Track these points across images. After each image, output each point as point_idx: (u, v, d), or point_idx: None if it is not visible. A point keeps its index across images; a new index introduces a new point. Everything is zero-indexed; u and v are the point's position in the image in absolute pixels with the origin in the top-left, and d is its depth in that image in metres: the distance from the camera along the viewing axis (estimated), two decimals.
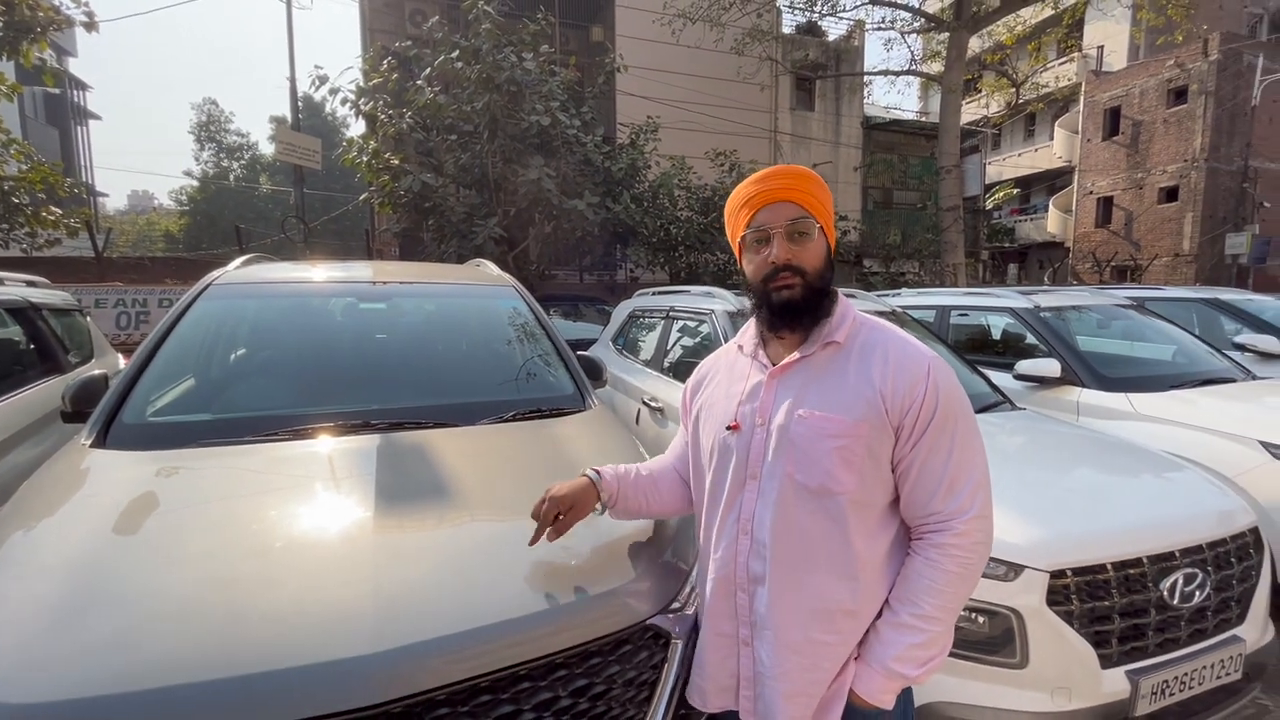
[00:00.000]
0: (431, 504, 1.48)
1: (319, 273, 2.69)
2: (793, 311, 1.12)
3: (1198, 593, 1.88)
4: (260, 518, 1.39)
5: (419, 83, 8.42)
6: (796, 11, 14.94)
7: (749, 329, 1.26)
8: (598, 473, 1.33)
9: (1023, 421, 2.82)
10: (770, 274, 1.13)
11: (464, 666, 1.06)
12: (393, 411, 1.99)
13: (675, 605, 1.33)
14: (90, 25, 8.42)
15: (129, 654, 1.00)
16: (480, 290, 2.85)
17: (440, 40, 8.77)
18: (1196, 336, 4.33)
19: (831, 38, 17.85)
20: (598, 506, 1.33)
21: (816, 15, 14.80)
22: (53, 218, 9.53)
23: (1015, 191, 25.02)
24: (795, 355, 1.14)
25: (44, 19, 7.97)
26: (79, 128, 24.33)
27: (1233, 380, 3.76)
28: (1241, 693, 1.99)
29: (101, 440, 1.77)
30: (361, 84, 8.86)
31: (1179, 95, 18.68)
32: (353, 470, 1.60)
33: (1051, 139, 23.69)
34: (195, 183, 31.06)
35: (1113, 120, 20.51)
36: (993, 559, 1.77)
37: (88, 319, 4.27)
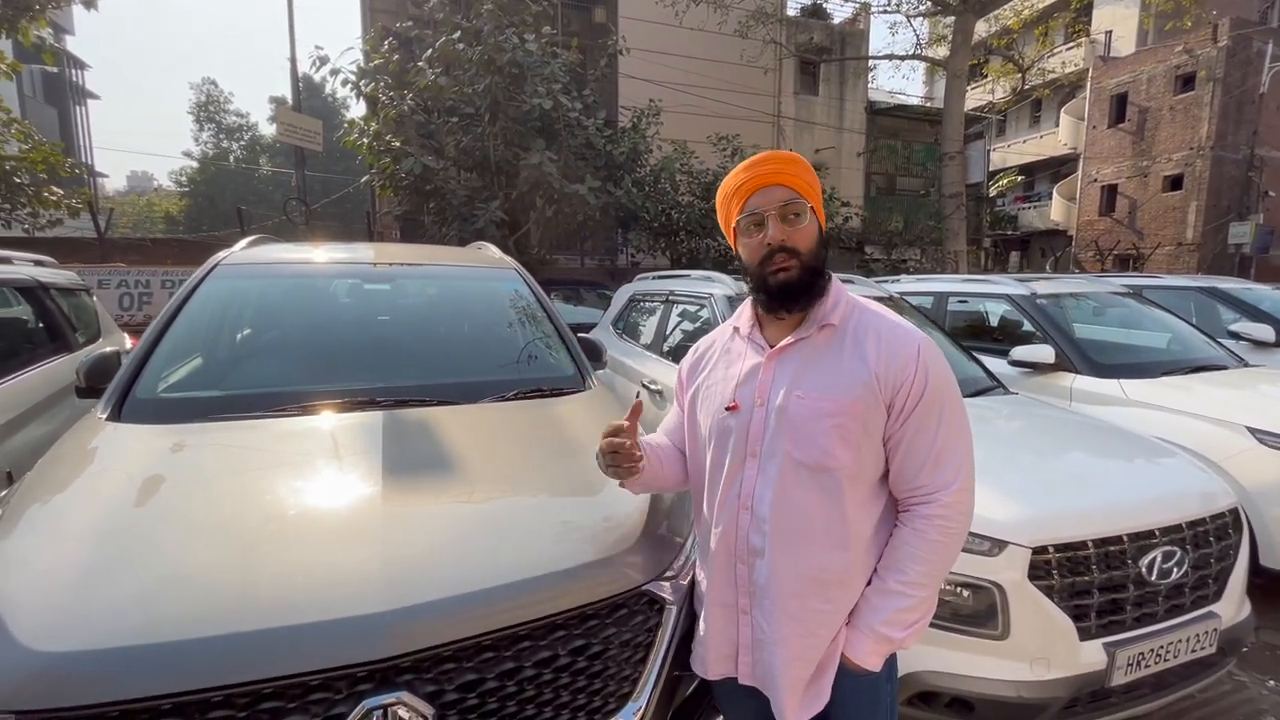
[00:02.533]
0: (436, 476, 1.54)
1: (324, 254, 2.74)
2: (791, 293, 1.17)
3: (1175, 570, 1.95)
4: (272, 487, 1.45)
5: (420, 64, 8.38)
6: None
7: (744, 311, 1.31)
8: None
9: (1013, 406, 2.88)
10: (766, 256, 1.17)
11: (467, 626, 1.13)
12: (398, 389, 2.04)
13: (669, 574, 1.40)
14: (89, 2, 8.38)
15: (152, 609, 1.06)
16: (483, 272, 2.89)
17: (442, 21, 8.71)
18: (1191, 325, 4.38)
19: (836, 21, 17.67)
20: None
21: None
22: (54, 198, 9.53)
23: (1019, 179, 24.91)
24: (792, 338, 1.19)
25: None
26: (78, 107, 24.16)
27: (1225, 367, 3.81)
28: (1216, 666, 2.07)
29: (117, 414, 1.83)
30: (362, 65, 8.81)
31: (1187, 82, 18.51)
32: (360, 444, 1.66)
33: (1057, 126, 23.52)
34: (195, 164, 30.93)
35: (1119, 107, 20.35)
36: (977, 535, 1.83)
37: (94, 299, 4.32)
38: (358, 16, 14.16)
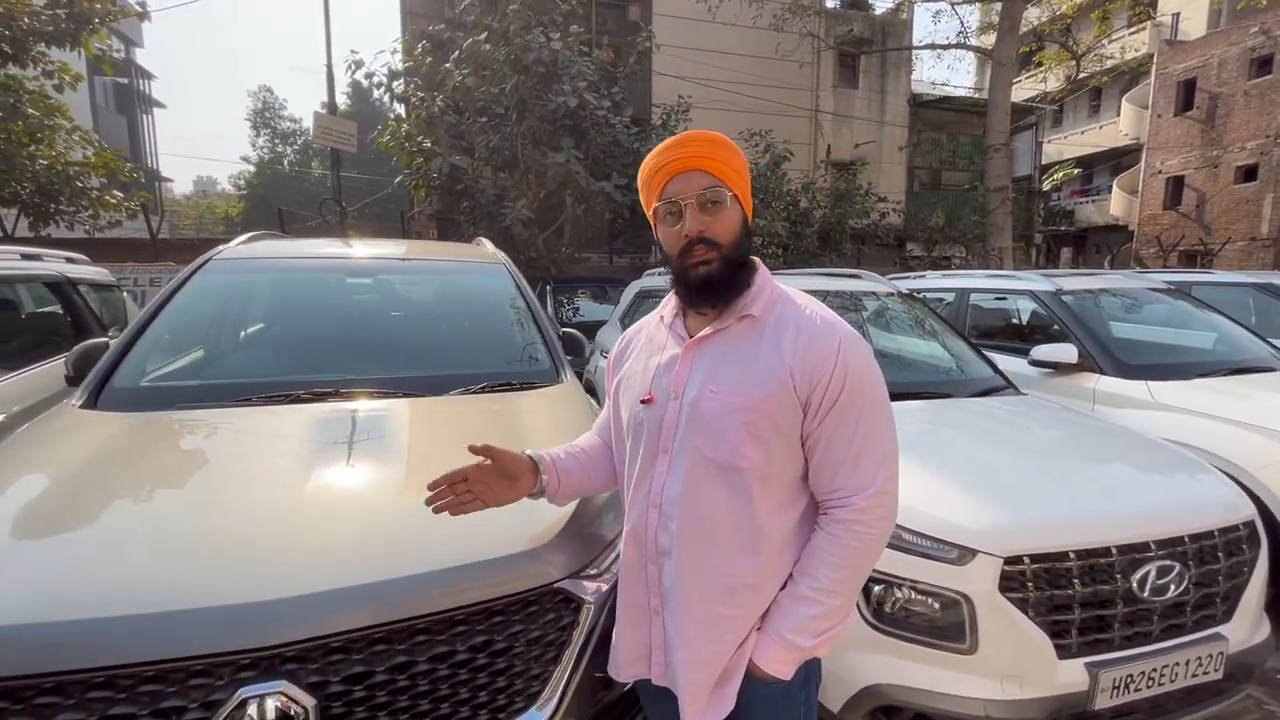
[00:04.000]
0: (369, 468, 1.54)
1: (316, 249, 2.79)
2: (711, 287, 1.10)
3: (1173, 586, 1.79)
4: (203, 475, 1.48)
5: (448, 65, 8.53)
6: None
7: (670, 299, 1.24)
8: (541, 457, 1.25)
9: (1017, 406, 2.71)
10: (685, 248, 1.10)
11: (356, 617, 1.11)
12: (363, 382, 2.06)
13: (591, 572, 1.35)
14: (143, 15, 8.84)
15: (45, 590, 1.08)
16: (468, 267, 2.90)
17: (474, 23, 8.84)
18: (1242, 324, 4.05)
19: (878, 11, 17.18)
20: (535, 490, 1.25)
21: None
22: (114, 201, 10.11)
23: (1076, 172, 23.66)
24: (710, 329, 1.13)
25: (101, 9, 8.40)
26: (144, 115, 25.60)
27: (1272, 370, 3.51)
28: (1226, 693, 1.90)
29: (92, 402, 1.89)
30: (394, 67, 9.03)
31: (1263, 65, 17.24)
32: (309, 435, 1.68)
33: (1118, 115, 22.28)
34: (252, 168, 32.42)
35: (1187, 94, 19.11)
36: (945, 542, 1.72)
37: (124, 294, 4.54)
38: (398, 21, 14.57)
